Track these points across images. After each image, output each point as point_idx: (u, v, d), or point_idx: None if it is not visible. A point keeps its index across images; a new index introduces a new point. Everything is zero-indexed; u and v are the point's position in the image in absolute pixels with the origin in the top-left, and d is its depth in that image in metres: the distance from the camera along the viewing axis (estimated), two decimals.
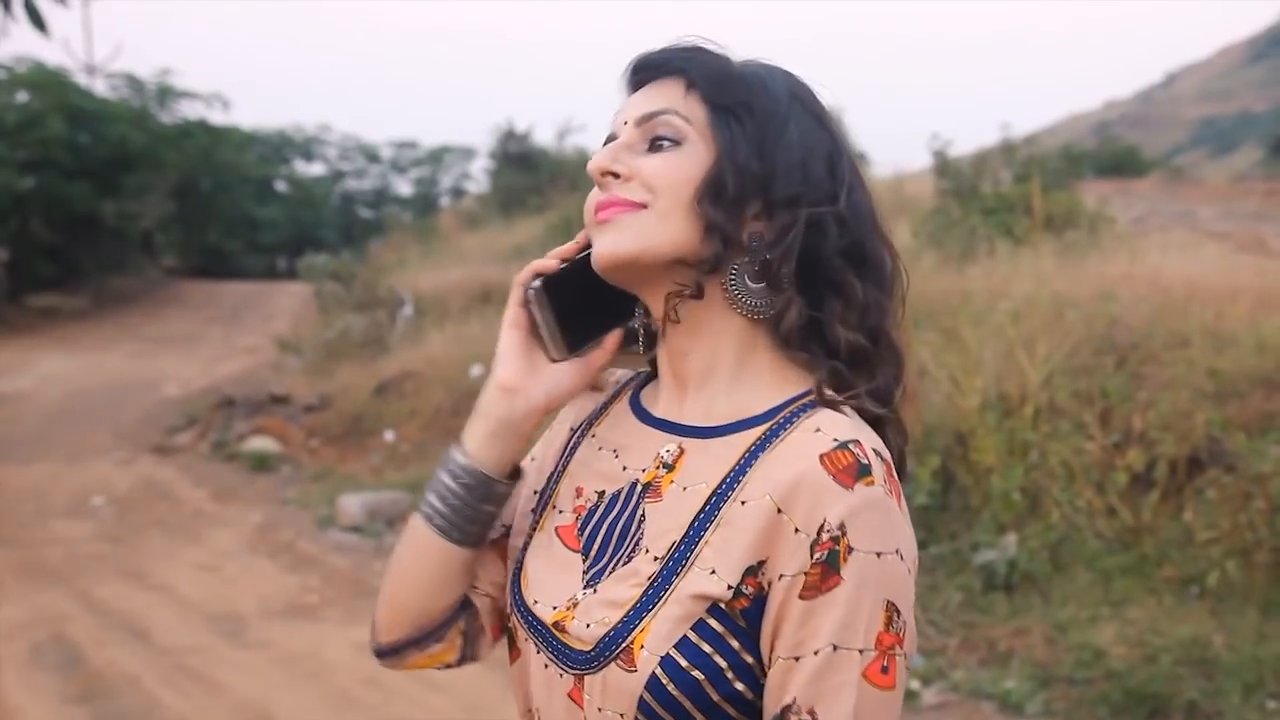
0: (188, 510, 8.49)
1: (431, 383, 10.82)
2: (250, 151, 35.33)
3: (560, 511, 1.21)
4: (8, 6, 8.94)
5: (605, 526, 1.14)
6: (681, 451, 1.12)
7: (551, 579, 1.15)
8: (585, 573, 1.13)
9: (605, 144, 1.14)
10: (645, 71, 1.15)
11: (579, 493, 1.20)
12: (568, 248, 1.18)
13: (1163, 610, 5.14)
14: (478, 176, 39.81)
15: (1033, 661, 4.97)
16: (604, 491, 1.17)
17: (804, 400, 1.09)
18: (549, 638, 1.12)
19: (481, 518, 1.19)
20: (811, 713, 1.00)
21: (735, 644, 1.03)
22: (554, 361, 1.19)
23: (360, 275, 15.98)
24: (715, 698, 1.03)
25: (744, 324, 1.12)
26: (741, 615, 1.03)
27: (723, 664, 1.03)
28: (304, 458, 10.26)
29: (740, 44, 1.16)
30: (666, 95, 1.11)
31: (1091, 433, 5.99)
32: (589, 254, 1.13)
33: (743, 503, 1.05)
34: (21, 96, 22.41)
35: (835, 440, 1.03)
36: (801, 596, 1.00)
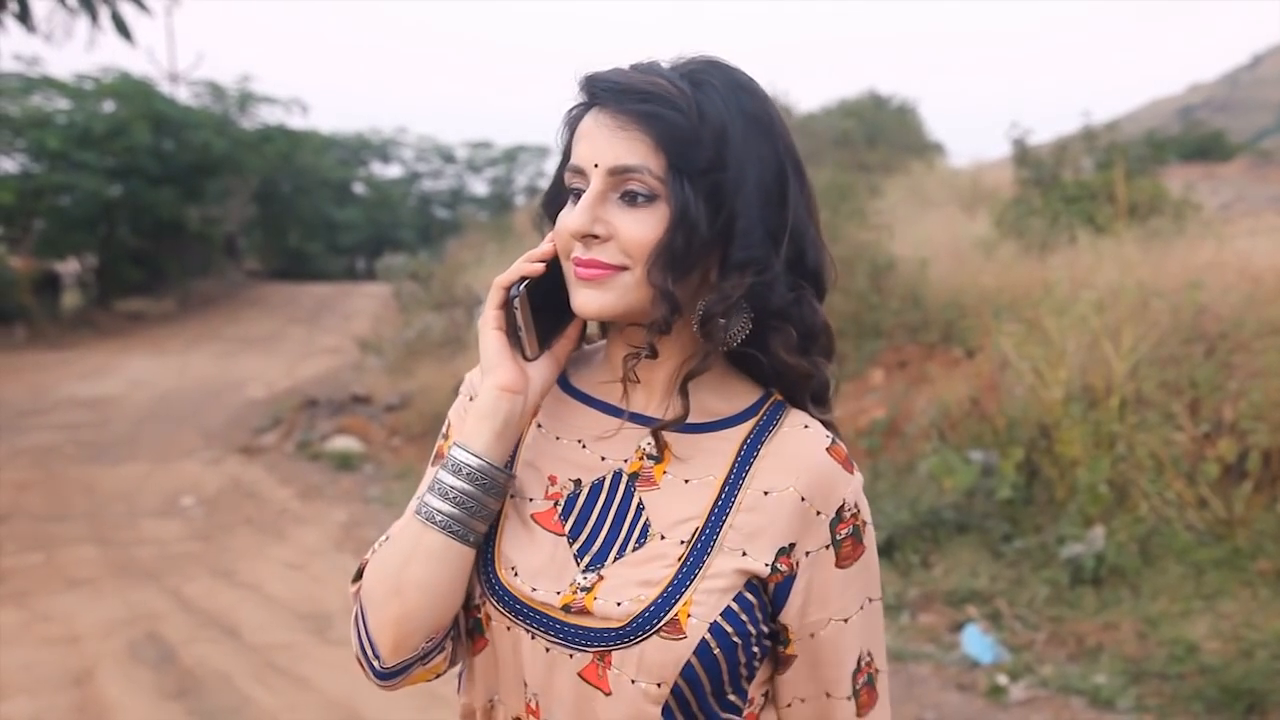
0: (274, 509, 8.63)
1: None
2: (329, 154, 35.88)
3: (530, 499, 1.26)
4: (95, 17, 9.16)
5: (596, 512, 1.22)
6: (666, 444, 1.22)
7: (543, 564, 1.20)
8: (578, 556, 1.20)
9: (566, 168, 1.23)
10: (611, 97, 1.17)
11: (552, 480, 1.26)
12: (544, 250, 1.25)
13: (1258, 603, 5.02)
14: (552, 175, 40.02)
15: (1123, 656, 4.89)
16: (580, 479, 1.25)
17: (771, 402, 1.27)
18: (551, 622, 1.17)
19: (489, 514, 1.22)
20: (870, 654, 1.26)
21: (759, 615, 1.18)
22: (528, 360, 1.26)
23: (438, 275, 16.13)
24: (743, 660, 1.17)
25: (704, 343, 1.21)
26: (774, 589, 1.19)
27: (753, 631, 1.17)
28: (386, 456, 10.38)
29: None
30: (639, 149, 1.15)
31: (1180, 423, 5.87)
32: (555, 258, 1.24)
33: (765, 493, 1.19)
34: (109, 106, 22.94)
35: (828, 436, 1.24)
36: (839, 566, 1.21)
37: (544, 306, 1.24)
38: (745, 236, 1.16)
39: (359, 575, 1.28)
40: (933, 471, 6.37)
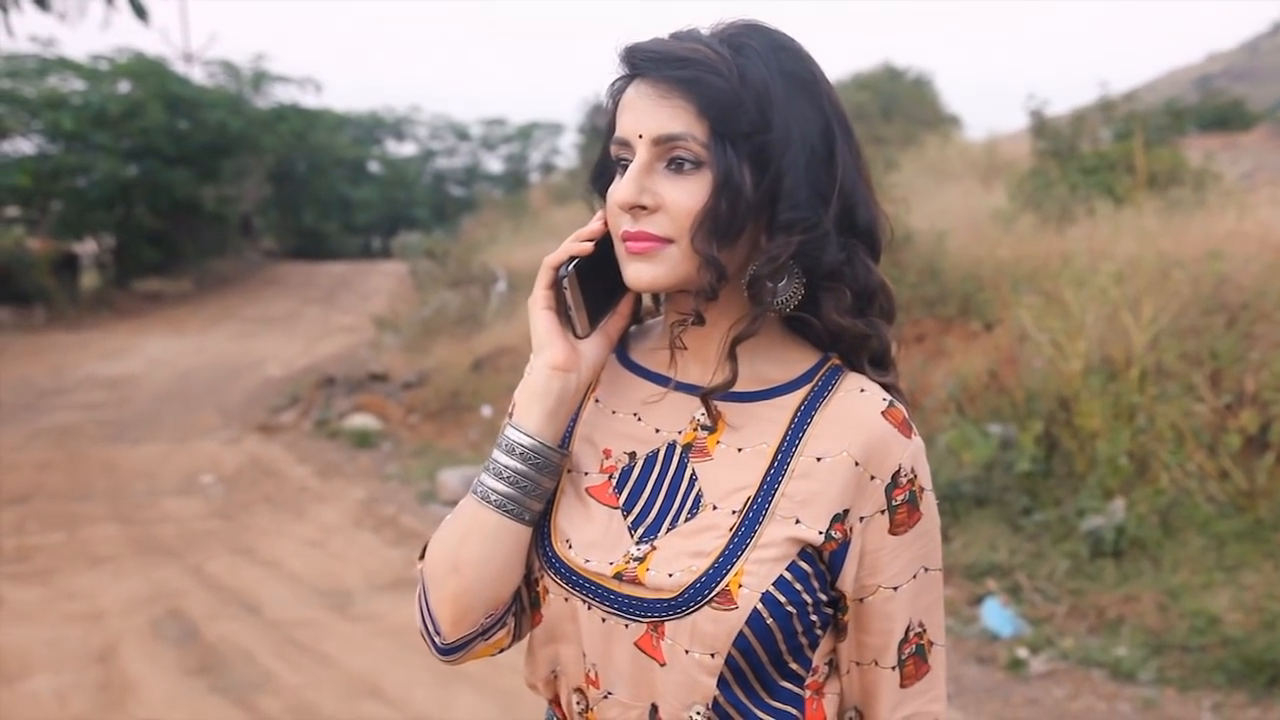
0: (293, 487, 8.67)
1: (526, 357, 10.81)
2: (343, 133, 35.93)
3: (586, 473, 1.27)
4: None
5: (650, 484, 1.22)
6: (719, 414, 1.21)
7: (597, 537, 1.21)
8: (632, 528, 1.21)
9: (612, 141, 1.20)
10: (651, 66, 1.15)
11: (607, 454, 1.27)
12: (593, 228, 1.24)
13: None
14: (567, 151, 40.08)
15: (1144, 629, 4.88)
16: (634, 452, 1.25)
17: (827, 367, 1.25)
18: (605, 592, 1.18)
19: (544, 493, 1.24)
20: (922, 625, 1.23)
21: (815, 584, 1.17)
22: (579, 338, 1.26)
23: (454, 253, 16.13)
24: (799, 629, 1.16)
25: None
26: (829, 557, 1.17)
27: (808, 600, 1.16)
28: (404, 434, 10.41)
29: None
30: (682, 117, 1.13)
31: (1201, 395, 5.83)
32: (606, 234, 1.23)
33: (818, 459, 1.18)
34: (124, 86, 22.97)
35: (885, 399, 1.22)
36: (893, 533, 1.19)
37: (595, 284, 1.24)
38: (791, 196, 1.14)
39: (424, 553, 1.29)
40: (951, 445, 6.34)
